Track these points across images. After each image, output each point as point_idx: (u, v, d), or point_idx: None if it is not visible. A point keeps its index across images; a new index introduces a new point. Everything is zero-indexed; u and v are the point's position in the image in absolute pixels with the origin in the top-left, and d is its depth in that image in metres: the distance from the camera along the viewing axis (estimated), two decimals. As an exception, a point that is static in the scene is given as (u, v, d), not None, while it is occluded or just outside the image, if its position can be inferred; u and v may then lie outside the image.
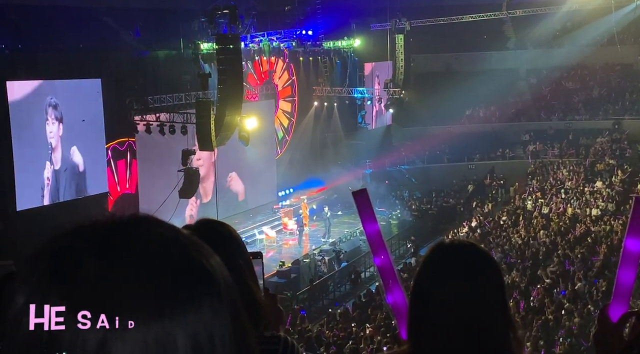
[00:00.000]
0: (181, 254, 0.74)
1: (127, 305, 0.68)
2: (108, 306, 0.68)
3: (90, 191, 22.46)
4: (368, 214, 2.09)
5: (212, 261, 0.77)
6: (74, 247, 0.72)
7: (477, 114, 36.24)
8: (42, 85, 21.01)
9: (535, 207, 27.02)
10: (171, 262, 0.73)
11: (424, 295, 1.67)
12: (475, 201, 29.36)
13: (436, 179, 32.33)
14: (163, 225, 0.77)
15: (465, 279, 1.64)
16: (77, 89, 21.86)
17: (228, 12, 23.10)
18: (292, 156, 31.25)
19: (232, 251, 1.80)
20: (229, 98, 21.88)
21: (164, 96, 24.26)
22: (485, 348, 1.65)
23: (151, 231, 0.75)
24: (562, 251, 20.72)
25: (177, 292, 0.71)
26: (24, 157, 20.27)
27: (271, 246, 25.40)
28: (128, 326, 0.67)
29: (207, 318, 0.72)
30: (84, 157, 22.31)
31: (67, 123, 21.61)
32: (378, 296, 17.87)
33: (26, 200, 20.36)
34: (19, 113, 20.17)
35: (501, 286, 1.72)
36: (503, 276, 1.77)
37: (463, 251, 1.70)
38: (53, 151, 21.24)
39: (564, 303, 16.15)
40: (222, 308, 0.74)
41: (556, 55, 35.51)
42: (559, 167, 31.37)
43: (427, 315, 1.65)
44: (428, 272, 1.69)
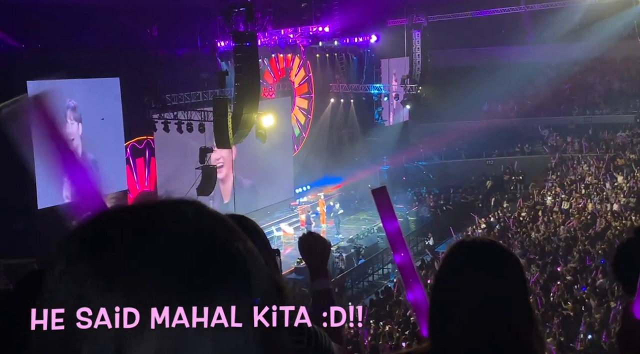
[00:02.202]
0: (219, 238, 0.73)
1: (157, 287, 0.67)
2: (137, 286, 0.67)
3: (110, 189, 22.64)
4: (388, 212, 2.09)
5: (251, 249, 0.77)
6: (115, 222, 0.72)
7: (496, 109, 35.97)
8: (62, 84, 21.22)
9: (555, 202, 26.78)
10: (210, 247, 0.72)
11: (445, 293, 1.67)
12: (494, 197, 29.17)
13: (454, 175, 32.16)
14: (205, 209, 0.76)
15: (486, 278, 1.64)
16: (96, 88, 22.06)
17: (244, 9, 23.14)
18: (308, 153, 31.26)
19: (257, 245, 1.81)
20: (245, 96, 21.94)
21: (181, 94, 24.39)
22: (507, 346, 1.64)
23: (190, 213, 0.74)
24: (582, 246, 20.54)
25: (209, 277, 0.70)
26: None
27: (289, 242, 25.44)
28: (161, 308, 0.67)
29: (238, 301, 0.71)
30: (103, 155, 22.49)
31: (86, 122, 21.82)
32: (397, 293, 17.86)
33: (47, 198, 20.57)
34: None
35: (523, 284, 1.71)
36: (525, 273, 1.76)
37: (484, 249, 1.69)
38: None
39: (585, 299, 16.02)
40: (255, 294, 0.73)
41: (575, 49, 35.10)
42: (579, 162, 31.06)
43: (448, 313, 1.65)
44: (449, 270, 1.69)
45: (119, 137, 22.90)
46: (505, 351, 1.64)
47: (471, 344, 1.62)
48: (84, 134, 21.69)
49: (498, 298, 1.62)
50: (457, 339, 1.63)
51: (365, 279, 22.65)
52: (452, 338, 1.65)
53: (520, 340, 1.65)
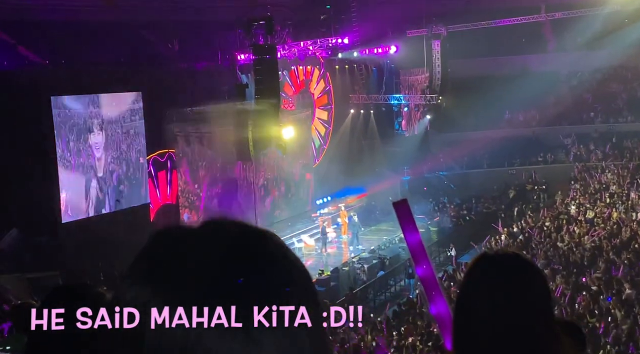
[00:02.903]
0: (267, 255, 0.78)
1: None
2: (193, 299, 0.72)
3: (133, 202, 22.86)
4: (409, 225, 2.07)
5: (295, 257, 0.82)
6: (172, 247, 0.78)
7: (517, 118, 35.72)
8: (85, 99, 21.53)
9: (579, 212, 26.45)
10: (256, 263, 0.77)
11: (468, 307, 1.65)
12: (517, 206, 28.90)
13: (476, 185, 31.93)
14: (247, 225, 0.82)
15: (510, 292, 1.62)
16: (118, 102, 22.33)
17: (264, 22, 23.34)
18: (329, 164, 31.28)
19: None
20: (266, 108, 22.07)
21: (202, 107, 24.59)
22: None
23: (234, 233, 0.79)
24: (608, 256, 20.23)
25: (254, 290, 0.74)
26: (68, 170, 20.77)
27: (310, 254, 25.42)
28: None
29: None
30: (126, 169, 22.73)
31: (109, 136, 22.08)
32: (419, 305, 17.72)
33: (71, 212, 20.83)
34: (64, 128, 20.69)
35: (547, 297, 1.68)
36: (549, 286, 1.73)
37: (507, 262, 1.67)
38: (96, 164, 21.71)
39: (611, 309, 15.75)
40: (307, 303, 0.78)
41: (598, 57, 34.76)
42: (603, 171, 30.68)
43: (472, 327, 1.63)
44: (472, 284, 1.67)
45: (142, 150, 23.13)
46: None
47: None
48: (107, 149, 21.95)
49: (522, 312, 1.60)
50: (482, 352, 1.62)
51: (388, 290, 22.53)
52: (477, 351, 1.63)
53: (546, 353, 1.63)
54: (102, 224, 20.85)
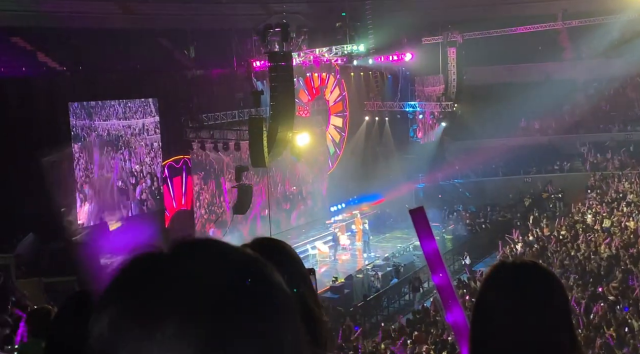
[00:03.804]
0: (242, 269, 0.77)
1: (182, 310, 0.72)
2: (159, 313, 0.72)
3: (148, 208, 22.99)
4: (426, 232, 2.07)
5: (273, 277, 0.80)
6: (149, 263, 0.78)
7: (533, 126, 35.50)
8: (102, 105, 21.71)
9: (596, 221, 26.19)
10: (231, 277, 0.76)
11: (486, 317, 1.64)
12: (533, 215, 28.68)
13: (491, 193, 31.76)
14: (223, 245, 0.81)
15: (528, 301, 1.60)
16: (134, 109, 22.50)
17: (280, 30, 23.43)
18: (343, 171, 31.25)
19: (290, 269, 1.79)
20: (281, 115, 22.12)
21: (217, 114, 24.70)
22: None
23: (211, 250, 0.79)
24: (625, 265, 20.01)
25: (236, 304, 0.74)
26: (84, 176, 20.94)
27: (324, 261, 25.38)
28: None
29: (264, 331, 0.74)
30: (142, 175, 22.88)
31: (125, 142, 22.24)
32: (432, 313, 17.63)
33: (87, 218, 20.99)
34: (81, 133, 20.88)
35: (565, 307, 1.67)
36: (567, 295, 1.72)
37: (526, 271, 1.65)
38: (112, 170, 21.87)
39: (628, 319, 15.57)
40: (282, 323, 0.76)
41: (615, 65, 34.47)
42: (619, 179, 30.38)
43: (490, 337, 1.61)
44: (490, 292, 1.66)
45: (157, 156, 23.28)
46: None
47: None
48: (123, 155, 22.11)
49: (540, 321, 1.58)
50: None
51: (402, 298, 22.43)
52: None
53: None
54: (118, 229, 20.99)
